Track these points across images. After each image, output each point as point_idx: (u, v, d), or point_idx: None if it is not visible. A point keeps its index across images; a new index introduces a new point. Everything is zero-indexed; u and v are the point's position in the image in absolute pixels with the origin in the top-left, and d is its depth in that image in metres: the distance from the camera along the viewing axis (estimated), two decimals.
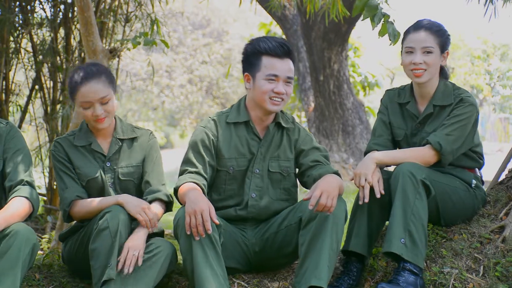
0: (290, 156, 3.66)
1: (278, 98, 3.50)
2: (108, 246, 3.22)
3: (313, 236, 3.30)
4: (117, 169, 3.59)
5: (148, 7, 6.66)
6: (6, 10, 6.21)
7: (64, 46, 6.75)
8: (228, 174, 3.60)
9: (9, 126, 3.43)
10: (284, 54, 3.50)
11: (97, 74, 3.52)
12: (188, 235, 3.22)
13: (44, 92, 6.81)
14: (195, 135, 3.62)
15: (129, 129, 3.68)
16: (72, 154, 3.59)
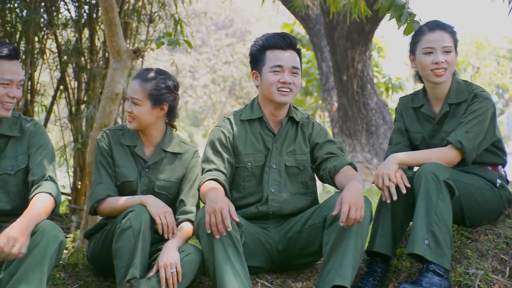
0: (306, 150, 3.68)
1: (285, 88, 3.53)
2: (131, 245, 3.23)
3: (338, 235, 3.29)
4: (154, 180, 3.59)
5: (172, 8, 6.68)
6: (32, 10, 6.27)
7: (89, 46, 6.79)
8: (246, 170, 3.62)
9: (33, 123, 3.46)
10: (287, 45, 3.56)
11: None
12: (209, 235, 3.23)
13: (69, 92, 6.86)
14: (212, 135, 3.65)
15: (176, 143, 3.65)
16: (115, 150, 3.62)
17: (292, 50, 3.57)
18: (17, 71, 3.33)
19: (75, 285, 3.60)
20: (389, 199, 3.47)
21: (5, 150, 3.38)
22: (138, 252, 3.22)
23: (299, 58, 3.62)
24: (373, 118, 10.20)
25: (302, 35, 13.17)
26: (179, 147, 3.66)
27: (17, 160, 3.38)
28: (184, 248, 3.36)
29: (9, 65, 3.30)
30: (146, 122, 3.57)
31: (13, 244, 2.99)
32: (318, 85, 12.94)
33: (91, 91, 6.74)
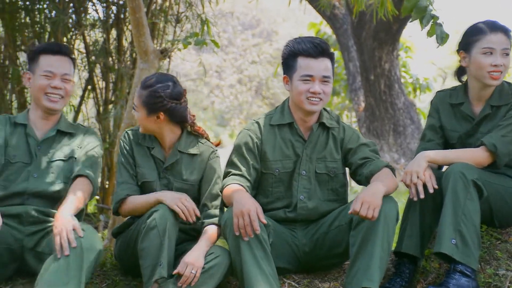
0: (337, 157, 3.63)
1: (315, 98, 3.50)
2: (157, 245, 3.25)
3: (364, 237, 3.28)
4: (173, 181, 3.59)
5: (199, 8, 6.69)
6: (60, 11, 6.32)
7: (116, 46, 6.83)
8: (274, 177, 3.60)
9: (87, 128, 3.79)
10: (318, 53, 3.50)
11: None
12: (236, 236, 3.23)
13: (97, 92, 6.91)
14: (239, 138, 3.63)
15: (193, 144, 3.63)
16: (136, 150, 3.64)
17: (324, 58, 3.52)
18: (60, 65, 3.57)
19: (103, 284, 3.62)
20: (416, 196, 3.43)
21: (60, 143, 3.61)
22: (165, 251, 3.23)
23: (331, 63, 3.56)
24: (401, 118, 10.13)
25: (329, 35, 13.11)
26: (196, 148, 3.62)
27: (72, 150, 3.61)
28: (213, 250, 3.36)
29: (53, 59, 3.57)
30: (148, 128, 3.57)
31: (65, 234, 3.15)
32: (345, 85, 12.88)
33: (118, 91, 6.77)
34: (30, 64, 3.63)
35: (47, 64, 3.56)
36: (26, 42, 6.52)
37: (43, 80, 3.54)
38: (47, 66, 3.55)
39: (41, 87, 3.55)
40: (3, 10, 6.41)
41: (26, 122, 3.62)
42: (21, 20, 6.55)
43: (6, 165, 3.50)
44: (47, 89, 3.55)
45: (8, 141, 3.56)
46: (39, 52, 3.59)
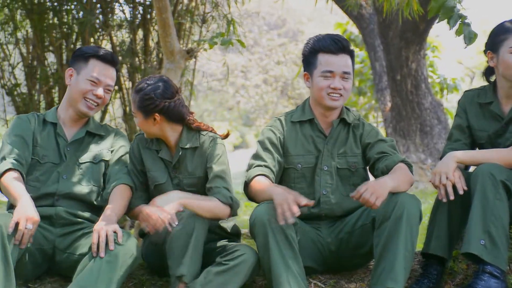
0: (357, 151, 3.64)
1: (335, 93, 3.52)
2: (184, 244, 3.26)
3: (387, 237, 3.26)
4: (182, 179, 3.60)
5: (225, 8, 6.69)
6: (88, 12, 6.36)
7: (143, 47, 6.86)
8: (296, 172, 3.61)
9: (118, 130, 3.77)
10: (339, 50, 3.52)
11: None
12: (264, 234, 3.23)
13: (123, 92, 6.94)
14: (263, 134, 3.66)
15: (194, 138, 3.61)
16: (145, 155, 3.65)
17: (344, 54, 3.54)
18: (107, 74, 3.60)
19: (130, 283, 3.64)
20: (445, 198, 3.40)
21: (89, 144, 3.62)
22: (189, 251, 3.25)
23: (351, 60, 3.59)
24: (428, 118, 10.05)
25: (355, 35, 13.05)
26: (196, 141, 3.60)
27: (101, 152, 3.62)
28: (238, 247, 3.37)
29: (102, 67, 3.58)
30: (149, 131, 3.57)
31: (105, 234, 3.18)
32: (371, 85, 12.81)
33: None
34: (77, 62, 3.60)
35: (96, 70, 3.56)
36: (54, 43, 6.57)
37: (88, 85, 3.55)
38: (96, 72, 3.56)
39: (83, 91, 3.55)
40: (31, 11, 6.48)
41: (56, 121, 3.62)
42: (49, 21, 6.61)
43: (34, 165, 3.51)
44: (88, 95, 3.56)
45: (38, 139, 3.57)
46: (91, 55, 3.58)
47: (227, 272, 3.26)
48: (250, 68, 22.60)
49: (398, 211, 3.26)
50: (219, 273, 3.27)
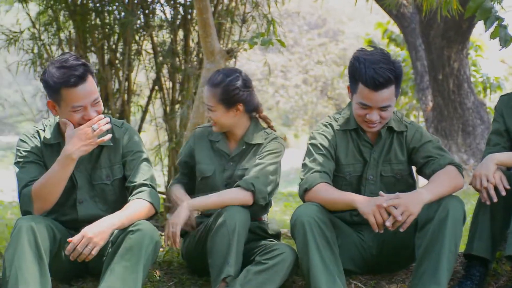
0: (402, 159, 3.56)
1: (372, 124, 3.42)
2: (226, 244, 3.26)
3: (431, 238, 3.22)
4: (236, 170, 3.62)
5: (265, 8, 6.69)
6: (129, 13, 6.42)
7: (183, 47, 6.90)
8: (344, 180, 3.56)
9: (124, 129, 3.49)
10: (378, 87, 3.31)
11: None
12: (304, 235, 3.22)
13: (164, 92, 6.99)
14: (315, 138, 3.57)
15: (261, 135, 3.66)
16: (198, 147, 3.69)
17: (386, 89, 3.32)
18: (86, 94, 3.23)
19: (170, 282, 3.65)
20: (488, 200, 3.34)
21: (99, 160, 3.43)
22: (233, 250, 3.25)
23: (395, 87, 3.37)
24: (470, 118, 9.91)
25: (396, 34, 12.93)
26: (262, 138, 3.64)
27: (112, 169, 3.45)
28: (277, 246, 3.37)
29: (78, 92, 3.21)
30: (227, 124, 3.60)
31: (86, 244, 3.07)
32: (412, 85, 12.68)
33: (185, 91, 6.83)
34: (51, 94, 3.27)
35: (73, 99, 3.22)
36: (96, 44, 6.65)
37: (74, 115, 3.25)
38: (75, 101, 3.22)
39: (74, 121, 3.26)
40: (74, 12, 6.56)
41: (60, 140, 3.41)
42: (92, 21, 6.68)
43: None
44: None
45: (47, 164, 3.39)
46: (59, 87, 3.21)
47: (266, 271, 3.27)
48: (290, 68, 22.55)
49: (442, 212, 3.22)
50: (258, 272, 3.27)
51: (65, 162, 3.23)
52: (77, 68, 3.22)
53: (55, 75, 3.21)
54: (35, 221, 3.12)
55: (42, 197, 3.25)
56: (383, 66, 3.31)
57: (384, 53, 3.38)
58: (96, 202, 3.44)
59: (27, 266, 3.03)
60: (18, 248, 3.05)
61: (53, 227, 3.21)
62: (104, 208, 3.44)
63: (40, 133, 3.44)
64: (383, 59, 3.34)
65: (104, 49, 6.74)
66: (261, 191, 3.46)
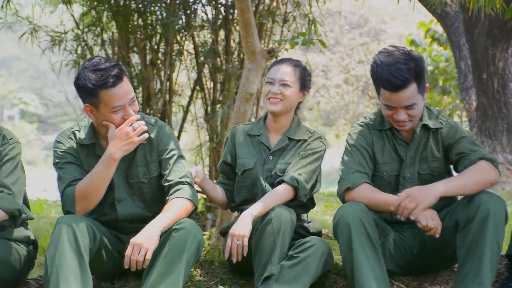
0: (438, 156, 3.53)
1: (402, 123, 3.40)
2: (271, 243, 3.26)
3: (472, 239, 3.18)
4: (277, 164, 3.63)
5: (306, 7, 6.67)
6: (171, 13, 6.47)
7: (224, 47, 6.92)
8: (382, 180, 3.54)
9: (158, 126, 3.49)
10: (396, 89, 3.29)
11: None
12: (348, 235, 3.21)
13: (205, 92, 7.02)
14: (352, 138, 3.57)
15: (303, 132, 3.71)
16: (238, 144, 3.73)
17: (405, 89, 3.30)
18: (125, 93, 3.27)
19: (212, 282, 3.66)
20: None
21: (134, 158, 3.45)
22: (277, 249, 3.25)
23: (417, 85, 3.34)
24: None
25: (439, 33, 12.78)
26: (304, 135, 3.70)
27: (149, 167, 3.46)
28: (310, 239, 3.37)
29: (116, 92, 3.24)
30: (291, 105, 3.68)
31: (138, 251, 3.08)
32: (456, 84, 12.52)
33: (226, 91, 6.86)
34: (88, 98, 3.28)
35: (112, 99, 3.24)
36: (138, 44, 6.71)
37: (113, 115, 3.27)
38: (114, 101, 3.25)
39: (114, 122, 3.28)
40: (117, 13, 6.63)
41: (95, 140, 3.44)
42: (134, 22, 6.75)
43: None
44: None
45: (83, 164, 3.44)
46: (97, 89, 3.22)
47: (298, 265, 3.26)
48: (331, 68, 22.45)
49: (483, 212, 3.17)
50: (291, 267, 3.27)
51: (107, 162, 3.26)
52: (112, 69, 3.24)
53: (92, 77, 3.22)
54: (75, 220, 3.16)
55: (86, 198, 3.29)
56: (400, 66, 3.29)
57: (404, 52, 3.36)
58: (134, 201, 3.47)
59: (68, 264, 3.06)
60: (59, 246, 3.08)
61: (93, 226, 3.24)
62: (142, 206, 3.47)
63: (75, 134, 3.47)
64: (401, 59, 3.32)
65: (146, 50, 6.80)
66: (304, 188, 3.51)
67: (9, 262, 3.37)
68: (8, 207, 3.33)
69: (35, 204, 9.86)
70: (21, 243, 3.48)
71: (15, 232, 3.47)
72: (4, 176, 3.39)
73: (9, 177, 3.41)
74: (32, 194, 8.78)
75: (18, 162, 3.48)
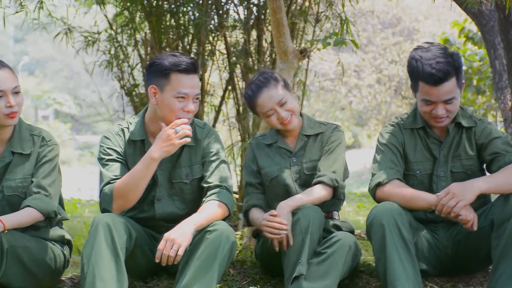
0: (471, 153, 3.52)
1: (439, 118, 3.40)
2: (299, 243, 3.28)
3: (507, 239, 3.15)
4: (303, 164, 3.64)
5: (338, 7, 6.63)
6: (203, 13, 6.48)
7: (256, 47, 6.91)
8: (415, 179, 3.54)
9: (206, 130, 3.54)
10: (437, 82, 3.31)
11: (266, 82, 3.63)
12: (382, 235, 3.20)
13: (237, 92, 7.02)
14: (383, 137, 3.59)
15: (316, 125, 3.73)
16: (259, 155, 3.72)
17: (445, 82, 3.32)
18: (194, 85, 3.37)
19: (244, 281, 3.67)
20: None
21: (179, 159, 3.50)
22: (306, 249, 3.25)
23: (456, 78, 3.35)
24: None
25: (473, 32, 12.63)
26: (319, 128, 3.71)
27: (192, 169, 3.51)
28: (336, 234, 3.37)
29: (186, 79, 3.34)
30: (299, 110, 3.69)
31: (171, 246, 3.09)
32: (490, 84, 12.36)
33: None
34: (156, 79, 3.37)
35: (181, 84, 3.33)
36: (171, 44, 6.74)
37: (176, 102, 3.34)
38: (182, 87, 3.33)
39: (173, 110, 3.35)
40: (150, 13, 6.67)
41: (144, 137, 3.50)
42: (166, 22, 6.78)
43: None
44: (179, 113, 3.35)
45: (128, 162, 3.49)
46: (171, 69, 3.32)
47: (326, 260, 3.26)
48: (363, 68, 22.32)
49: None
50: (319, 263, 3.27)
51: (147, 161, 3.30)
52: (189, 58, 3.37)
53: (168, 59, 3.34)
54: (111, 219, 3.19)
55: (124, 196, 3.32)
56: (440, 60, 3.33)
57: (440, 47, 3.40)
58: (174, 200, 3.51)
59: (104, 263, 3.09)
60: (95, 245, 3.12)
61: (129, 225, 3.27)
62: (181, 207, 3.51)
63: (124, 131, 3.53)
64: (439, 54, 3.36)
65: (178, 50, 6.82)
66: (342, 186, 3.57)
67: (44, 261, 3.41)
68: (44, 208, 3.37)
69: (68, 203, 9.97)
70: (56, 243, 3.53)
71: (50, 232, 3.52)
72: (41, 178, 3.44)
73: (47, 179, 3.45)
74: (66, 193, 8.91)
75: (56, 164, 3.52)
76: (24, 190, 3.43)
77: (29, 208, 3.34)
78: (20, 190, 3.43)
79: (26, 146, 3.47)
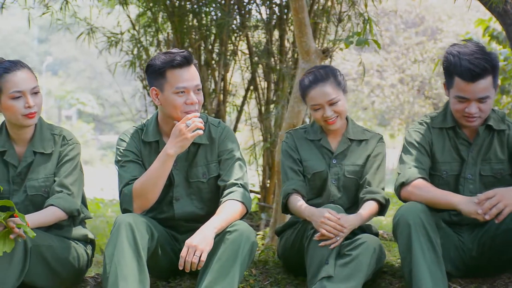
0: (502, 157, 3.47)
1: (471, 117, 3.34)
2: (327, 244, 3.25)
3: None
4: (344, 166, 3.63)
5: (361, 7, 6.61)
6: (225, 14, 6.49)
7: (278, 47, 6.91)
8: (441, 179, 3.50)
9: (221, 128, 3.53)
10: (474, 78, 3.25)
11: (326, 77, 3.57)
12: (408, 236, 3.18)
13: (259, 92, 7.03)
14: (410, 136, 3.55)
15: (360, 131, 3.70)
16: (300, 146, 3.69)
17: (482, 79, 3.27)
18: (191, 77, 3.34)
19: (266, 281, 3.67)
20: None
21: (195, 158, 3.50)
22: (333, 250, 3.24)
23: (493, 77, 3.31)
24: None
25: (498, 32, 12.52)
26: (363, 135, 3.69)
27: (208, 167, 3.50)
28: (361, 236, 3.34)
29: (182, 73, 3.33)
30: (346, 113, 3.63)
31: (193, 253, 3.10)
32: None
33: (280, 91, 6.85)
34: (155, 80, 3.37)
35: (178, 79, 3.32)
36: (193, 44, 6.76)
37: (177, 98, 3.33)
38: (179, 82, 3.32)
39: (176, 106, 3.33)
40: (172, 14, 6.70)
41: (158, 138, 3.49)
42: (189, 23, 6.80)
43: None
44: (184, 108, 3.34)
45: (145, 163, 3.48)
46: (165, 67, 3.32)
47: (351, 263, 3.24)
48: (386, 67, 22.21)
49: None
50: (343, 265, 3.25)
51: (163, 159, 3.30)
52: (181, 53, 3.34)
53: (161, 58, 3.34)
54: (133, 219, 3.20)
55: (143, 195, 3.33)
56: (478, 56, 3.28)
57: (478, 45, 3.35)
58: (192, 200, 3.51)
59: (126, 262, 3.10)
60: (118, 245, 3.13)
61: (151, 225, 3.27)
62: (200, 206, 3.50)
63: (139, 132, 3.53)
64: (477, 50, 3.31)
65: (200, 50, 6.85)
66: (388, 201, 3.57)
67: (68, 260, 3.43)
68: (67, 207, 3.39)
69: (92, 203, 10.04)
70: (79, 242, 3.55)
71: (73, 231, 3.53)
72: (63, 177, 3.46)
73: (69, 178, 3.47)
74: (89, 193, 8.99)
75: (77, 163, 3.54)
76: (47, 189, 3.45)
77: (53, 207, 3.36)
78: (43, 190, 3.45)
79: (47, 146, 3.49)
